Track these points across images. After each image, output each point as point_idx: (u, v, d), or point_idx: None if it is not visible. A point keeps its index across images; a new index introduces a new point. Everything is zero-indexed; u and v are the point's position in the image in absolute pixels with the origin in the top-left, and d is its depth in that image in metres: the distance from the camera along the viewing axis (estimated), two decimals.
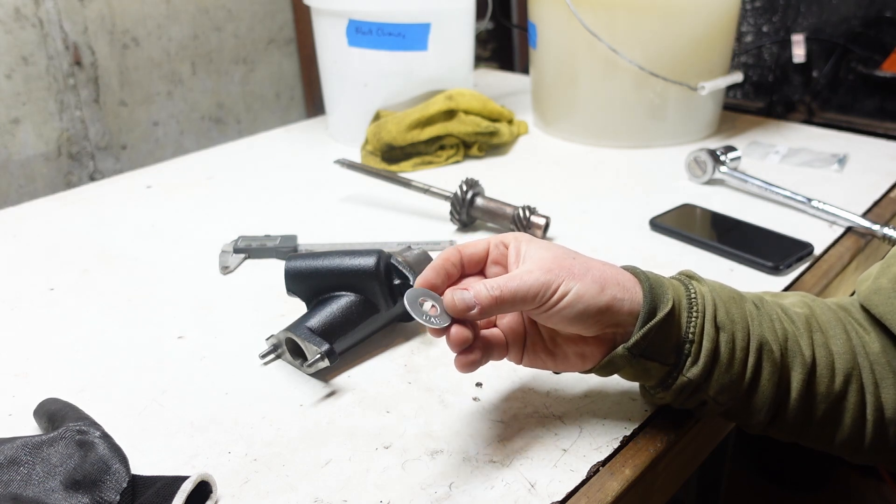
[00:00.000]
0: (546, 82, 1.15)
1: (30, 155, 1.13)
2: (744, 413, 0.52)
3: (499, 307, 0.47)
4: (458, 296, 0.47)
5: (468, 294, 0.47)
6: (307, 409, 0.59)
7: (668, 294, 0.50)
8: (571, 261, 0.49)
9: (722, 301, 0.51)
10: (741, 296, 0.53)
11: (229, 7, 1.33)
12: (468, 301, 0.47)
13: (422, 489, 0.50)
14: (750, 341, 0.50)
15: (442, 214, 0.90)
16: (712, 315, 0.50)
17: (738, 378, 0.50)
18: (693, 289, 0.51)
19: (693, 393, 0.51)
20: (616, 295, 0.48)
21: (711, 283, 0.54)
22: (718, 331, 0.50)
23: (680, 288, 0.51)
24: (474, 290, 0.47)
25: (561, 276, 0.48)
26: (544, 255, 0.49)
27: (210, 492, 0.50)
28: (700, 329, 0.49)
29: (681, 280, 0.53)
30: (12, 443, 0.51)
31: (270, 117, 1.45)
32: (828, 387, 0.51)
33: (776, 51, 1.30)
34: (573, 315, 0.48)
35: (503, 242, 0.52)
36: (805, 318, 0.53)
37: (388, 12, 1.04)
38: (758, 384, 0.50)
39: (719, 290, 0.52)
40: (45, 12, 1.10)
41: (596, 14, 1.02)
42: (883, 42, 1.20)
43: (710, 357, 0.49)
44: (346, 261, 0.64)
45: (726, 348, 0.49)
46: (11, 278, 0.80)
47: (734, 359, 0.49)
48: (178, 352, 0.67)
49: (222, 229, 0.89)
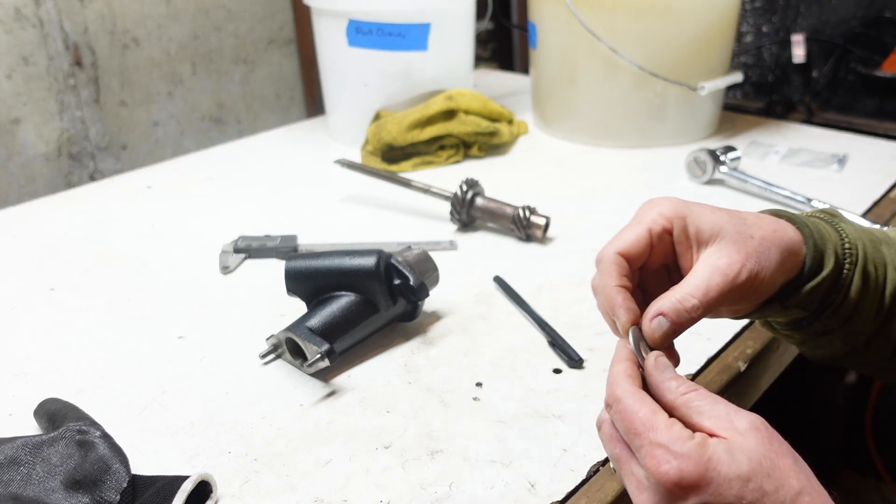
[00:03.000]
0: (546, 82, 1.15)
1: (30, 155, 1.13)
2: (867, 355, 0.52)
3: (700, 318, 0.45)
4: (656, 327, 0.45)
5: (664, 322, 0.44)
6: (307, 409, 0.59)
7: (830, 250, 0.48)
8: (753, 244, 0.46)
9: (868, 248, 0.50)
10: (877, 238, 0.52)
11: (229, 7, 1.33)
12: (666, 329, 0.45)
13: (422, 489, 0.50)
14: (886, 286, 0.50)
15: (442, 214, 0.90)
16: (862, 265, 0.49)
17: (871, 322, 0.50)
18: (847, 241, 0.49)
19: (822, 335, 0.51)
20: (791, 267, 0.47)
21: (852, 225, 0.51)
22: (866, 280, 0.49)
23: (836, 239, 0.49)
24: (672, 314, 0.44)
25: (748, 263, 0.45)
26: (722, 242, 0.46)
27: (210, 492, 0.50)
28: (849, 282, 0.48)
29: (833, 227, 0.50)
30: (12, 443, 0.51)
31: (270, 117, 1.45)
32: None
33: (776, 51, 1.30)
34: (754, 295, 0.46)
35: (665, 229, 0.47)
36: None
37: (388, 12, 1.04)
38: (890, 328, 0.51)
39: (863, 235, 0.51)
40: (45, 12, 1.10)
41: (596, 14, 1.02)
42: (883, 42, 1.20)
43: (853, 307, 0.49)
44: (346, 261, 0.64)
45: (870, 297, 0.49)
46: (11, 278, 0.80)
47: (872, 306, 0.50)
48: (178, 352, 0.67)
49: (222, 229, 0.89)
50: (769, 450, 0.39)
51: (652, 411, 0.40)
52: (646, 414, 0.40)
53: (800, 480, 0.39)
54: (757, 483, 0.38)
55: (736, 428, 0.39)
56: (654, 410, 0.40)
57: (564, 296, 0.73)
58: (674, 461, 0.38)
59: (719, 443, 0.39)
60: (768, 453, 0.39)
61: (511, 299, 0.72)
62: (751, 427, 0.39)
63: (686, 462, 0.38)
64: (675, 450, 0.38)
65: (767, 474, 0.38)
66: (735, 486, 0.38)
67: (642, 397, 0.41)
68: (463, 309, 0.72)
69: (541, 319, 0.68)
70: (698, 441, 0.39)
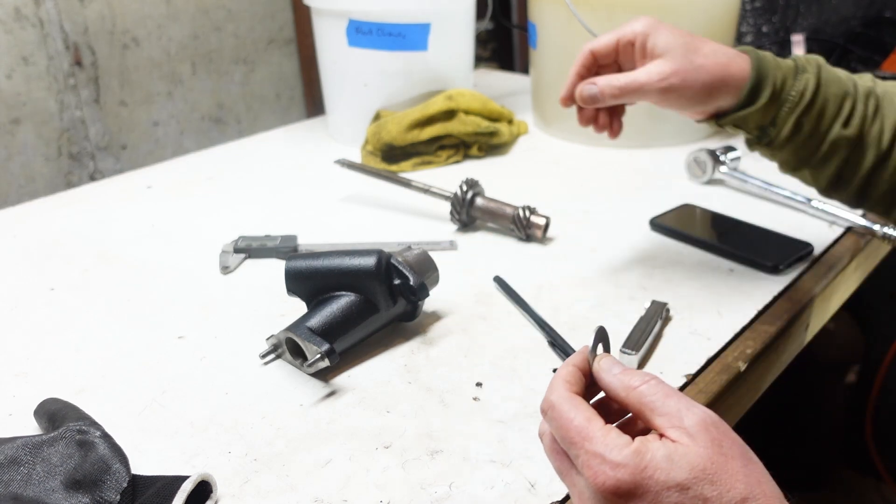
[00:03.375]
0: (546, 82, 1.15)
1: (30, 155, 1.13)
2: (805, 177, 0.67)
3: (620, 99, 0.64)
4: (585, 89, 0.65)
5: (594, 88, 0.64)
6: (307, 409, 0.59)
7: (767, 91, 0.61)
8: (690, 66, 0.60)
9: (828, 101, 0.62)
10: (851, 91, 0.62)
11: (229, 7, 1.33)
12: (594, 93, 0.64)
13: (422, 489, 0.50)
14: (828, 135, 0.62)
15: (442, 214, 0.90)
16: (800, 113, 0.62)
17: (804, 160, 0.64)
18: (795, 89, 0.62)
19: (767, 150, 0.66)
20: (725, 95, 0.62)
21: (831, 76, 0.63)
22: (799, 126, 0.62)
23: (786, 83, 0.62)
24: (600, 86, 0.63)
25: (673, 78, 0.61)
26: (667, 57, 0.61)
27: (210, 492, 0.50)
28: (782, 122, 0.62)
29: (797, 74, 0.62)
30: (12, 443, 0.51)
31: (270, 117, 1.45)
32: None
33: (776, 51, 1.30)
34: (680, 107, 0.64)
35: (629, 40, 0.64)
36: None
37: (388, 12, 1.04)
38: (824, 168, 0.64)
39: (833, 87, 0.62)
40: (45, 12, 1.10)
41: (596, 14, 1.02)
42: (883, 42, 1.20)
43: (783, 143, 0.64)
44: (346, 261, 0.64)
45: (802, 140, 0.63)
46: (11, 278, 0.80)
47: (807, 146, 0.63)
48: (178, 352, 0.67)
49: (222, 229, 0.89)
50: (716, 452, 0.38)
51: (587, 418, 0.40)
52: (580, 422, 0.40)
53: (747, 485, 0.37)
54: (697, 490, 0.37)
55: (685, 427, 0.39)
56: (588, 417, 0.40)
57: (564, 296, 0.73)
58: (609, 471, 0.38)
59: (660, 448, 0.38)
60: (714, 456, 0.38)
61: (511, 299, 0.72)
62: (700, 426, 0.38)
63: (622, 471, 0.37)
64: (610, 459, 0.38)
65: (710, 480, 0.37)
66: (673, 494, 0.37)
67: (577, 403, 0.41)
68: (463, 309, 0.72)
69: (541, 319, 0.68)
70: (634, 448, 0.38)
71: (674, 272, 0.77)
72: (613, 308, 0.71)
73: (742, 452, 0.39)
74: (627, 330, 0.65)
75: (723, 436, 0.39)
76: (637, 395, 0.41)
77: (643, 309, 0.68)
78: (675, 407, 0.39)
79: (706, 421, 0.39)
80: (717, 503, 0.37)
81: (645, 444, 0.38)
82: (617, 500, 0.38)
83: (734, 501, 0.37)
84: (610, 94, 0.63)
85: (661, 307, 0.67)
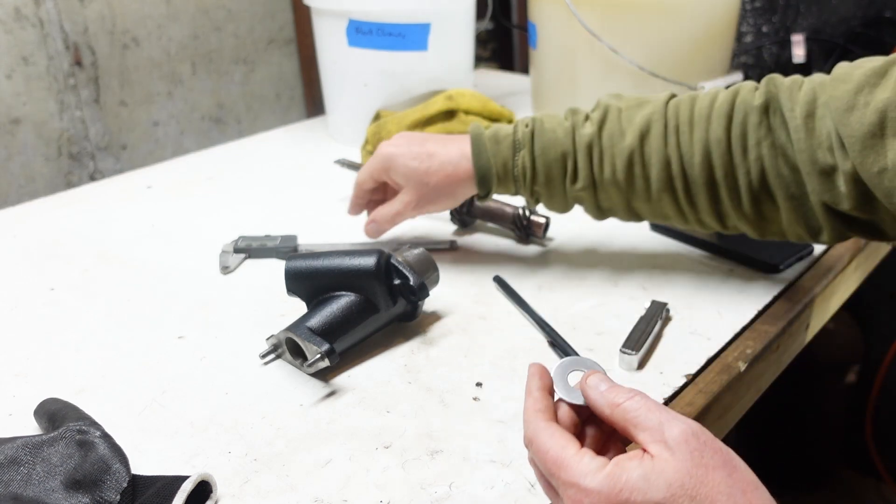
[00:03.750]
0: (546, 82, 1.15)
1: (30, 155, 1.13)
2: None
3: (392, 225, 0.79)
4: (370, 228, 0.80)
5: (374, 225, 0.80)
6: (307, 409, 0.59)
7: (493, 181, 0.72)
8: (427, 188, 0.73)
9: (543, 174, 0.70)
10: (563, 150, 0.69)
11: (229, 7, 1.33)
12: (376, 229, 0.80)
13: (422, 489, 0.50)
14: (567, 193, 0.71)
15: (442, 214, 0.90)
16: (530, 186, 0.71)
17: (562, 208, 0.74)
18: (517, 170, 0.70)
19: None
20: (467, 190, 0.73)
21: (542, 147, 0.69)
22: (537, 196, 0.72)
23: (507, 169, 0.71)
24: (378, 222, 0.79)
25: (420, 202, 0.75)
26: (407, 188, 0.75)
27: (210, 492, 0.50)
28: (526, 194, 0.73)
29: (514, 155, 0.70)
30: (12, 443, 0.51)
31: (270, 117, 1.45)
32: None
33: (776, 51, 1.30)
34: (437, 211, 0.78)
35: (378, 181, 0.78)
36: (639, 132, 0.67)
37: (388, 12, 1.04)
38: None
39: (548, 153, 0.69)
40: (45, 12, 1.10)
41: (596, 14, 1.02)
42: (883, 42, 1.20)
43: (535, 203, 0.74)
44: (346, 261, 0.64)
45: (554, 199, 0.72)
46: (11, 278, 0.80)
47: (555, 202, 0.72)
48: (178, 352, 0.67)
49: (222, 229, 0.89)
50: (696, 465, 0.37)
51: (561, 447, 0.40)
52: (556, 452, 0.40)
53: (730, 495, 0.37)
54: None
55: (666, 441, 0.38)
56: (563, 446, 0.40)
57: (564, 296, 0.73)
58: (585, 499, 0.38)
59: (636, 468, 0.38)
60: (695, 469, 0.37)
61: (511, 299, 0.72)
62: (681, 439, 0.38)
63: (595, 498, 0.37)
64: (584, 486, 0.38)
65: (690, 495, 0.37)
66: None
67: (552, 433, 0.41)
68: (463, 309, 0.72)
69: (541, 319, 0.68)
70: (608, 472, 0.38)
71: (674, 272, 0.77)
72: (613, 308, 0.71)
73: (725, 462, 0.38)
74: (627, 330, 0.65)
75: (704, 446, 0.38)
76: (621, 411, 0.41)
77: (643, 309, 0.68)
78: (657, 420, 0.39)
79: (687, 433, 0.38)
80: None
81: (620, 466, 0.38)
82: None
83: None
84: (388, 225, 0.78)
85: (661, 307, 0.67)
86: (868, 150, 0.54)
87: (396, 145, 0.74)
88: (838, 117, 0.56)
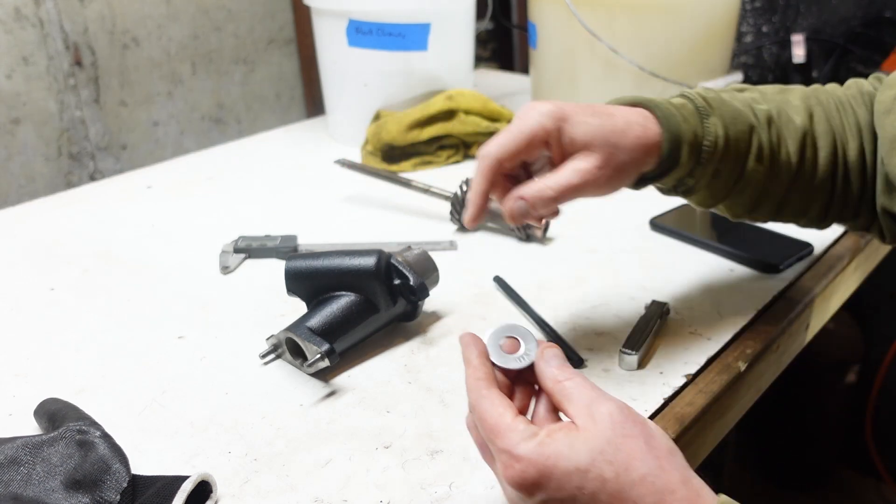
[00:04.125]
0: (546, 82, 1.15)
1: (30, 155, 1.13)
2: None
3: (553, 207, 0.55)
4: (516, 207, 0.54)
5: (523, 204, 0.53)
6: (307, 409, 0.59)
7: (686, 152, 0.56)
8: (616, 150, 0.53)
9: (733, 141, 0.57)
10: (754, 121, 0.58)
11: (229, 7, 1.33)
12: (524, 209, 0.54)
13: (422, 489, 0.50)
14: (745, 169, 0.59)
15: (442, 214, 0.90)
16: (717, 162, 0.57)
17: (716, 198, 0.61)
18: (707, 141, 0.56)
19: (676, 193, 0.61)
20: (647, 164, 0.56)
21: (728, 109, 0.58)
22: (717, 173, 0.58)
23: (697, 137, 0.56)
24: (530, 201, 0.53)
25: (606, 171, 0.53)
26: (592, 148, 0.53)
27: (210, 492, 0.50)
28: (699, 175, 0.58)
29: (703, 123, 0.57)
30: (12, 443, 0.51)
31: (270, 117, 1.45)
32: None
33: (776, 51, 1.30)
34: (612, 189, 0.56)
35: (541, 139, 0.53)
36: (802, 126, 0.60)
37: (388, 12, 1.04)
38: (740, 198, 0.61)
39: (735, 123, 0.58)
40: (45, 12, 1.10)
41: (596, 14, 1.02)
42: (883, 42, 1.20)
43: (703, 188, 0.60)
44: (346, 261, 0.64)
45: (722, 184, 0.59)
46: (11, 278, 0.80)
47: (723, 186, 0.60)
48: (178, 352, 0.67)
49: (222, 229, 0.89)
50: (617, 434, 0.40)
51: (499, 414, 0.42)
52: (494, 420, 0.42)
53: (645, 463, 0.39)
54: (597, 471, 0.39)
55: (592, 415, 0.41)
56: (500, 413, 0.42)
57: (564, 296, 0.73)
58: (516, 465, 0.40)
59: (564, 437, 0.40)
60: (615, 438, 0.40)
61: (511, 299, 0.72)
62: (606, 413, 0.41)
63: (525, 464, 0.40)
64: (516, 453, 0.40)
65: (608, 461, 0.39)
66: (575, 478, 0.39)
67: (492, 401, 0.43)
68: (463, 309, 0.72)
69: (541, 319, 0.68)
70: (539, 440, 0.40)
71: (674, 272, 0.77)
72: (613, 308, 0.71)
73: (643, 432, 0.41)
74: (627, 330, 0.65)
75: (625, 419, 0.41)
76: (560, 388, 0.43)
77: (643, 309, 0.68)
78: (588, 398, 0.42)
79: (612, 409, 0.41)
80: (615, 482, 0.39)
81: (551, 435, 0.41)
82: (523, 490, 0.40)
83: (632, 479, 0.39)
84: (543, 206, 0.54)
85: (661, 307, 0.67)
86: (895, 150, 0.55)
87: (553, 102, 0.55)
88: (878, 119, 0.57)
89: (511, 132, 0.54)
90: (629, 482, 0.39)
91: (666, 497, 0.39)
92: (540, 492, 0.40)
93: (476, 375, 0.45)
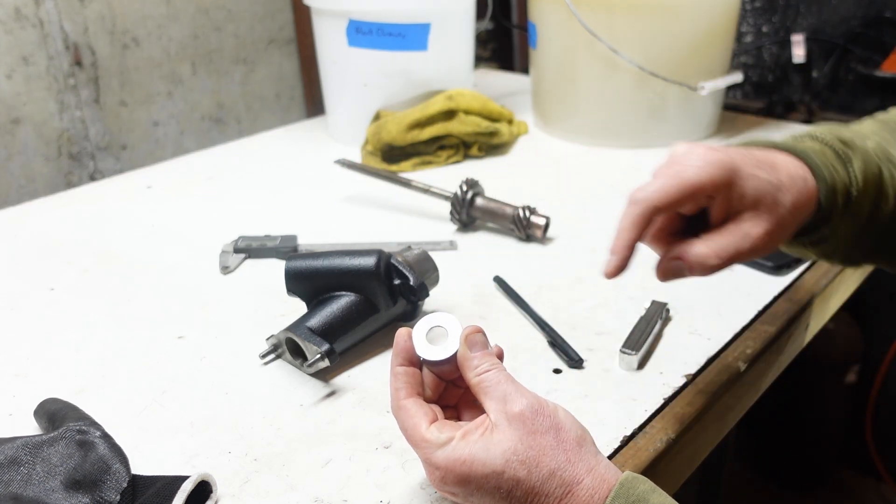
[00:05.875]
0: (546, 82, 1.15)
1: (30, 155, 1.13)
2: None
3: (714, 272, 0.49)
4: (672, 266, 0.49)
5: (681, 265, 0.48)
6: (307, 409, 0.59)
7: (840, 202, 0.51)
8: (784, 209, 0.48)
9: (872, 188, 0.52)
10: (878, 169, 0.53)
11: (229, 7, 1.33)
12: (681, 270, 0.48)
13: (422, 489, 0.50)
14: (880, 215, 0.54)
15: (442, 214, 0.90)
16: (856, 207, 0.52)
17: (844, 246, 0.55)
18: (855, 189, 0.51)
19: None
20: (804, 216, 0.50)
21: (865, 154, 0.53)
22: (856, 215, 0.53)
23: (845, 187, 0.51)
24: (689, 263, 0.48)
25: (776, 233, 0.48)
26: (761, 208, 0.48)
27: (210, 492, 0.50)
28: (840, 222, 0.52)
29: (847, 171, 0.52)
30: (12, 443, 0.51)
31: (270, 117, 1.45)
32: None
33: (776, 51, 1.30)
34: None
35: (707, 193, 0.47)
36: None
37: (388, 12, 1.04)
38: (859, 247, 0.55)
39: (873, 169, 0.53)
40: (45, 12, 1.10)
41: (596, 14, 1.02)
42: (883, 42, 1.20)
43: (834, 235, 0.53)
44: (346, 261, 0.64)
45: (855, 228, 0.53)
46: (11, 278, 0.80)
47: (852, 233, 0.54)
48: (178, 352, 0.67)
49: (222, 229, 0.89)
50: (527, 432, 0.42)
51: (413, 425, 0.45)
52: (410, 431, 0.45)
53: (554, 458, 0.42)
54: (511, 473, 0.42)
55: (505, 412, 0.43)
56: (415, 425, 0.45)
57: (564, 296, 0.73)
58: (435, 472, 0.44)
59: (478, 439, 0.43)
60: (525, 437, 0.42)
61: (511, 299, 0.72)
62: (517, 412, 0.43)
63: (444, 471, 0.43)
64: (433, 461, 0.44)
65: (521, 460, 0.42)
66: (492, 480, 0.42)
67: (407, 411, 0.46)
68: (463, 309, 0.72)
69: (541, 319, 0.68)
70: (453, 447, 0.43)
71: None
72: (613, 308, 0.71)
73: (553, 425, 0.43)
74: (627, 330, 0.65)
75: (535, 414, 0.43)
76: (478, 379, 0.45)
77: (643, 309, 0.68)
78: (503, 393, 0.44)
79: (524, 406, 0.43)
80: (528, 482, 0.42)
81: (465, 437, 0.43)
82: (447, 492, 0.44)
83: (543, 475, 0.42)
84: (702, 272, 0.48)
85: (661, 307, 0.67)
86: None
87: (715, 149, 0.48)
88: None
89: (672, 178, 0.47)
90: (540, 479, 0.42)
91: (573, 488, 0.42)
92: (462, 489, 0.43)
93: (395, 385, 0.47)
